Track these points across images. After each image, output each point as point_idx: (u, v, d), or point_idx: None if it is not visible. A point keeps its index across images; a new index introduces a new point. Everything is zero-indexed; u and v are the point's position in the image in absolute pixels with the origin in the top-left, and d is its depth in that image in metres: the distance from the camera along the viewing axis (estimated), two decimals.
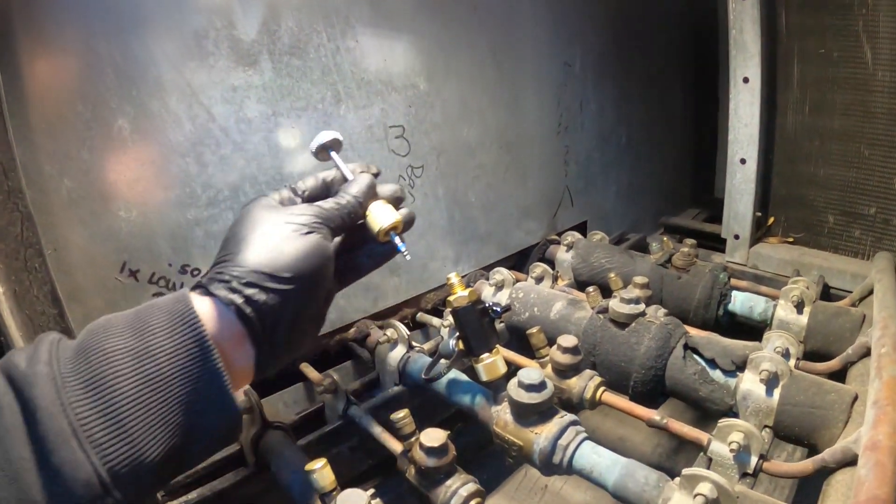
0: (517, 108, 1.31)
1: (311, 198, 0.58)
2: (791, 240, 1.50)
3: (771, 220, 1.53)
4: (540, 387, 0.69)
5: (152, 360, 0.41)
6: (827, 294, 1.28)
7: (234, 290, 0.46)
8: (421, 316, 1.17)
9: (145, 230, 0.80)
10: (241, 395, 0.80)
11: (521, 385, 0.70)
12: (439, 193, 1.19)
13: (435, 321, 1.12)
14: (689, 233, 1.72)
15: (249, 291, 0.46)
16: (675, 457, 1.11)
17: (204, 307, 0.46)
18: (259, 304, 0.47)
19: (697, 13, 1.81)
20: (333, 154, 0.62)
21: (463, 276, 1.16)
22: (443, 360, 0.79)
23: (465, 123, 1.21)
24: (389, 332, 0.96)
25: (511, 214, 1.36)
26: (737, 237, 1.50)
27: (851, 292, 1.22)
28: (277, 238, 0.49)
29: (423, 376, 0.77)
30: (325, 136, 0.61)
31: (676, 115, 1.86)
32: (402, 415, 0.70)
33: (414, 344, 0.97)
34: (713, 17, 1.73)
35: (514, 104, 1.30)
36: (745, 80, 1.38)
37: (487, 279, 1.17)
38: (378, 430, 0.82)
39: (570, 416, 0.72)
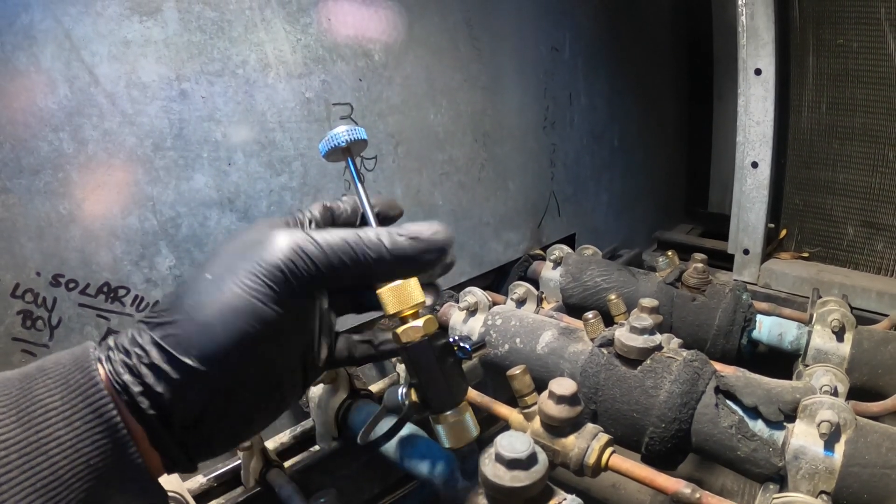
0: (496, 94, 1.14)
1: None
2: (806, 255, 1.40)
3: (783, 232, 1.43)
4: (528, 462, 0.48)
5: (45, 456, 0.32)
6: None
7: (131, 370, 0.35)
8: None
9: (4, 227, 0.64)
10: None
11: (500, 460, 0.48)
12: (397, 193, 1.00)
13: None
14: (686, 249, 1.60)
15: (150, 378, 0.35)
16: None
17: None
18: (160, 397, 0.35)
19: (692, 10, 1.75)
20: (351, 166, 0.49)
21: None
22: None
23: (432, 106, 1.03)
24: None
25: (487, 223, 1.19)
26: (746, 252, 1.39)
27: (878, 313, 1.18)
28: (217, 290, 0.36)
29: (358, 440, 0.54)
30: (343, 134, 0.47)
31: (669, 120, 1.78)
32: (325, 500, 0.51)
33: (358, 385, 0.74)
34: (708, 16, 1.66)
35: (492, 88, 1.13)
36: (758, 71, 1.28)
37: (457, 301, 0.97)
38: None
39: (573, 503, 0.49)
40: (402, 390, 0.53)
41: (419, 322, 0.49)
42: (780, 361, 0.94)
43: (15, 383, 0.33)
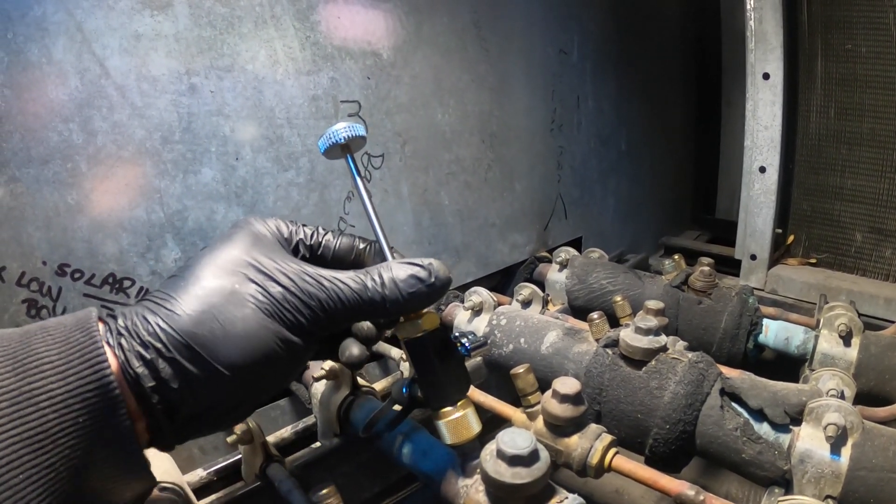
0: (504, 95, 1.14)
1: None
2: (813, 261, 1.38)
3: (790, 238, 1.41)
4: (530, 459, 0.47)
5: (34, 406, 0.32)
6: None
7: (146, 362, 0.35)
8: (379, 344, 0.94)
9: (12, 215, 0.64)
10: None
11: (501, 456, 0.48)
12: (403, 191, 1.00)
13: (395, 352, 0.91)
14: (693, 254, 1.58)
15: (167, 372, 0.36)
16: None
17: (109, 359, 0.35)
18: (173, 392, 0.36)
19: (701, 15, 1.74)
20: (351, 163, 0.48)
21: None
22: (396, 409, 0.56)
23: (439, 106, 1.03)
24: (328, 364, 0.72)
25: (493, 224, 1.18)
26: (753, 258, 1.37)
27: (885, 320, 1.16)
28: (237, 305, 0.38)
29: (360, 433, 0.54)
30: (342, 131, 0.47)
31: (677, 124, 1.77)
32: (325, 492, 0.52)
33: (362, 382, 0.74)
34: (716, 21, 1.66)
35: (499, 89, 1.13)
36: (766, 76, 1.27)
37: (462, 301, 0.97)
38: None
39: (574, 502, 0.49)
40: (405, 384, 0.53)
41: (420, 318, 0.49)
42: (787, 366, 0.93)
43: (15, 337, 0.34)
